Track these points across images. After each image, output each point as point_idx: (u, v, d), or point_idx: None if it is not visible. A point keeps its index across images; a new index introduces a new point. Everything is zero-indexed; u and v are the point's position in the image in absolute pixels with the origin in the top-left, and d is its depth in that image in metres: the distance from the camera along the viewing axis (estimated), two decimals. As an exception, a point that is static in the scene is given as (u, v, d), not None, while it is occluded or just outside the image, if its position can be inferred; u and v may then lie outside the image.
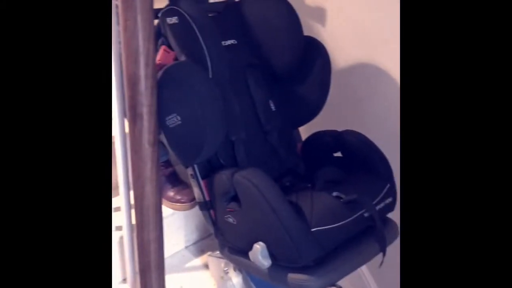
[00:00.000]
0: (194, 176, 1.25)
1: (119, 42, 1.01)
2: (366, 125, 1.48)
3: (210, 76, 1.18)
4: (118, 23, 1.00)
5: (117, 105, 1.14)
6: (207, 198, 1.26)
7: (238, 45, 1.39)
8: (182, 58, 1.20)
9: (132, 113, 1.01)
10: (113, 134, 1.24)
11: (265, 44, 1.39)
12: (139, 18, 0.94)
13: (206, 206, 1.27)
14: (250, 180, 1.10)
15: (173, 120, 1.09)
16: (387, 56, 1.49)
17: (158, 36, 1.23)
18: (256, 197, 1.08)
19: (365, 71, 1.58)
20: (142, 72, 0.98)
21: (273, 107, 1.41)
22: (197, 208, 1.33)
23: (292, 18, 1.37)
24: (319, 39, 1.43)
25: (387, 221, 1.27)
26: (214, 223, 1.26)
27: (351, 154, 1.33)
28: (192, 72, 1.12)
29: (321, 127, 1.46)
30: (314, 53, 1.39)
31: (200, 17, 1.19)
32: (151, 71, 0.99)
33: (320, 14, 1.69)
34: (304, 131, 1.52)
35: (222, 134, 1.19)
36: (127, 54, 0.97)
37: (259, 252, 1.09)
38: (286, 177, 1.35)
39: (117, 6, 0.96)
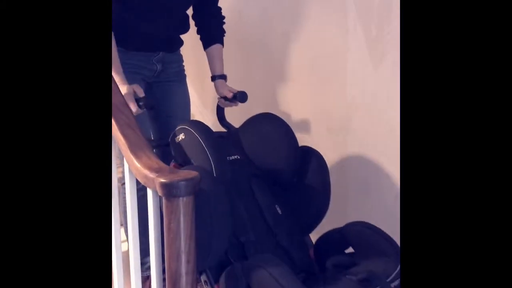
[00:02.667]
0: (208, 282, 1.26)
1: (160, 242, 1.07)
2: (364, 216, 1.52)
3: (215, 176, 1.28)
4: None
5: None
6: None
7: (241, 160, 1.51)
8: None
9: (173, 308, 1.01)
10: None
11: (264, 159, 1.51)
12: (181, 220, 0.99)
13: None
14: (263, 266, 1.11)
15: None
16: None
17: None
18: (270, 283, 1.07)
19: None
20: (183, 269, 1.00)
21: (279, 211, 1.46)
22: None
23: (285, 132, 1.51)
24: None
25: None
26: None
27: (360, 244, 1.33)
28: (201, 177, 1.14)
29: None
30: (310, 160, 1.49)
31: (205, 131, 1.37)
32: (191, 267, 1.02)
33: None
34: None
35: (229, 232, 1.25)
36: (169, 254, 1.01)
37: None
38: (300, 274, 1.35)
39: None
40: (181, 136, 1.38)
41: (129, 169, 1.17)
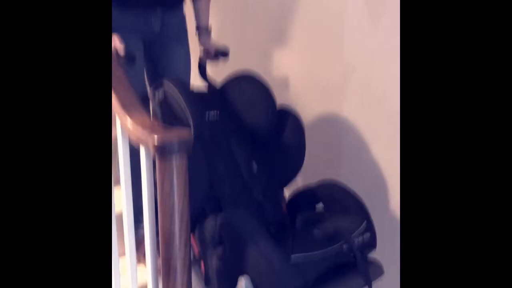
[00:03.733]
0: None
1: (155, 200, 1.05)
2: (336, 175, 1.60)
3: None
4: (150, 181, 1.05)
5: (151, 262, 1.14)
6: (196, 256, 1.32)
7: (220, 114, 1.56)
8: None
9: (166, 267, 1.01)
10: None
11: (242, 116, 1.56)
12: (175, 178, 0.97)
13: (196, 261, 1.32)
14: (234, 219, 1.21)
15: None
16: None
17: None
18: (239, 232, 1.18)
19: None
20: (177, 227, 0.99)
21: (255, 166, 1.53)
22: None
23: (265, 91, 1.55)
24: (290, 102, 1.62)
25: (369, 260, 1.33)
26: (205, 274, 1.30)
27: (329, 201, 1.44)
28: None
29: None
30: (287, 119, 1.55)
31: (183, 87, 1.41)
32: (185, 226, 1.00)
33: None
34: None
35: (205, 187, 1.34)
36: (163, 212, 0.99)
37: (243, 285, 1.13)
38: (271, 226, 1.42)
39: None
40: (160, 92, 1.41)
41: (121, 127, 1.14)
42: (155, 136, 0.97)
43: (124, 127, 1.10)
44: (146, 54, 1.63)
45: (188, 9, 1.74)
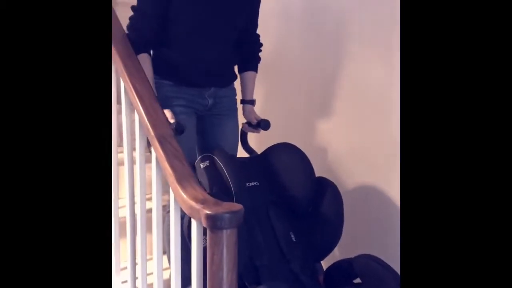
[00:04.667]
0: None
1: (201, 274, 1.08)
2: (378, 248, 1.62)
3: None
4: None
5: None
6: None
7: (260, 186, 1.61)
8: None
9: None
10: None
11: (282, 187, 1.60)
12: (224, 252, 1.00)
13: None
14: None
15: None
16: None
17: None
18: None
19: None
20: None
21: (293, 238, 1.54)
22: None
23: (303, 162, 1.61)
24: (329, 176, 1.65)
25: None
26: None
27: (367, 276, 1.42)
28: None
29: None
30: (326, 191, 1.59)
31: (227, 159, 1.48)
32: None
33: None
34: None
35: (243, 257, 1.33)
36: (212, 285, 1.02)
37: None
38: None
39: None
40: (206, 163, 1.49)
41: (174, 199, 1.20)
42: (206, 211, 1.02)
43: (178, 199, 1.17)
44: (198, 127, 1.73)
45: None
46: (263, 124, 1.76)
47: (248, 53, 1.81)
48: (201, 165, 1.51)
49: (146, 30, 1.57)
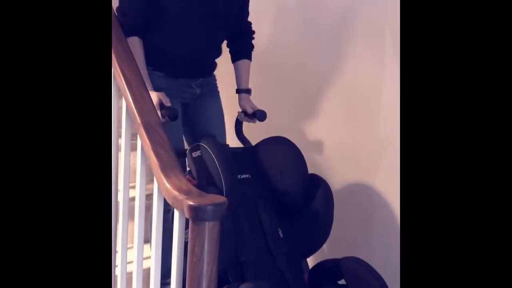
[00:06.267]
0: None
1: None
2: (365, 249, 1.66)
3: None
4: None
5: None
6: None
7: (251, 179, 1.58)
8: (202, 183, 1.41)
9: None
10: None
11: (274, 181, 1.57)
12: (206, 244, 1.00)
13: None
14: None
15: None
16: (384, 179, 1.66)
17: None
18: None
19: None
20: (203, 294, 1.00)
21: (281, 235, 1.52)
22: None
23: (297, 158, 1.58)
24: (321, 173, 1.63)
25: None
26: None
27: (352, 279, 1.41)
28: None
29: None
30: (318, 188, 1.56)
31: (220, 150, 1.44)
32: (211, 291, 1.01)
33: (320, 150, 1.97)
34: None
35: (230, 253, 1.32)
36: (191, 277, 1.01)
37: None
38: None
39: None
40: (198, 153, 1.46)
41: (158, 189, 1.19)
42: (190, 202, 1.01)
43: (161, 188, 1.15)
44: (184, 114, 1.73)
45: (226, 73, 1.84)
46: (259, 115, 1.73)
47: (240, 41, 1.81)
48: (193, 154, 1.48)
49: (136, 14, 1.55)
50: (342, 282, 1.47)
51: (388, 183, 1.72)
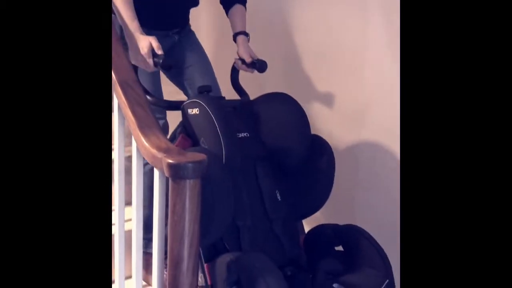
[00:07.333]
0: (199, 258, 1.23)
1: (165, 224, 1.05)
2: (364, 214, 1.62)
3: (224, 162, 1.27)
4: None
5: (157, 284, 1.13)
6: (209, 283, 1.26)
7: (250, 138, 1.47)
8: (200, 144, 1.33)
9: (173, 291, 1.00)
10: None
11: (275, 139, 1.47)
12: (187, 202, 0.97)
13: None
14: (255, 265, 1.16)
15: None
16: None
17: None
18: (260, 282, 1.12)
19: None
20: (185, 252, 0.99)
21: (279, 198, 1.45)
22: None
23: (301, 117, 1.48)
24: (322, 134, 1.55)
25: None
26: None
27: (351, 248, 1.37)
28: (210, 161, 1.11)
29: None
30: (320, 151, 1.48)
31: (219, 110, 1.33)
32: (194, 250, 1.00)
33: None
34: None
35: (228, 220, 1.25)
36: (173, 236, 0.99)
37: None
38: (288, 267, 1.35)
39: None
40: (195, 111, 1.35)
41: (137, 148, 1.15)
42: (169, 160, 0.98)
43: (140, 148, 1.12)
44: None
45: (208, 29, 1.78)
46: (259, 65, 1.56)
47: None
48: (189, 111, 1.38)
49: None
50: (339, 248, 1.43)
51: (372, 139, 1.71)
